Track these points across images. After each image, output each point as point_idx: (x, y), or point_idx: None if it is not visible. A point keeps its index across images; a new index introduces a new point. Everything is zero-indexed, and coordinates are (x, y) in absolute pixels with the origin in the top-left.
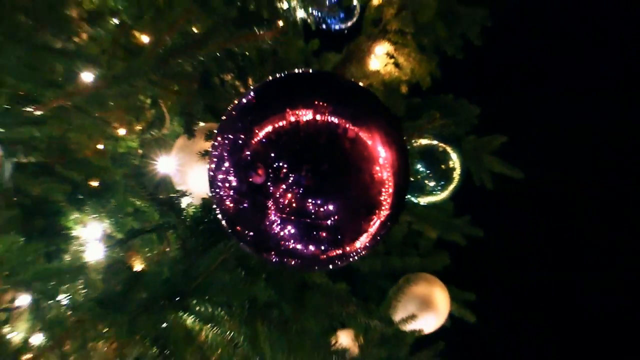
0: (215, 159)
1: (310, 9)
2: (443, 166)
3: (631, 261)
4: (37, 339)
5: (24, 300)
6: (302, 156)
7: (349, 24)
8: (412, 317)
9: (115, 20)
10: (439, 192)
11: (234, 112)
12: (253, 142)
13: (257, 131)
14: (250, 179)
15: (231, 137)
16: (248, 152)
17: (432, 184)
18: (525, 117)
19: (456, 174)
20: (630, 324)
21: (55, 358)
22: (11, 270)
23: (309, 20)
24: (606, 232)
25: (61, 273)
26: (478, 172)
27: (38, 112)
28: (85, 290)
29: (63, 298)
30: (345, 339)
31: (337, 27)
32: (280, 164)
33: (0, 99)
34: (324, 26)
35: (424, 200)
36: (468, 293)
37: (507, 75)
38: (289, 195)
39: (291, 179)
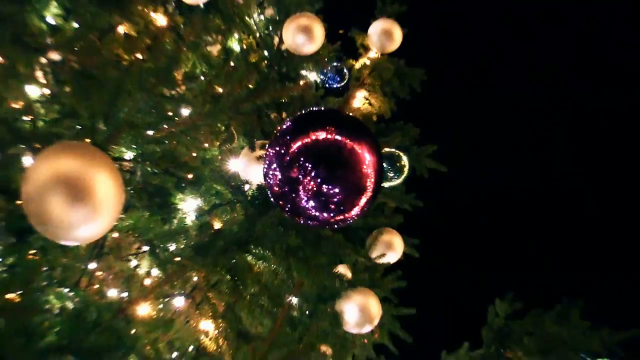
0: (267, 162)
1: (319, 74)
2: (398, 164)
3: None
4: (155, 272)
5: (145, 247)
6: (319, 160)
7: (342, 84)
8: (382, 255)
9: (203, 78)
10: (395, 179)
11: (278, 134)
12: (290, 151)
13: (292, 145)
14: (289, 174)
15: (277, 148)
16: (287, 158)
17: (391, 174)
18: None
19: (406, 169)
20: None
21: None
22: (139, 233)
23: (317, 81)
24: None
25: (172, 234)
26: (419, 168)
27: (157, 135)
28: (185, 241)
29: (171, 246)
30: (342, 269)
31: (334, 86)
32: (306, 165)
33: (133, 129)
34: (327, 86)
35: (387, 184)
36: (414, 239)
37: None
38: (312, 183)
39: (313, 173)
